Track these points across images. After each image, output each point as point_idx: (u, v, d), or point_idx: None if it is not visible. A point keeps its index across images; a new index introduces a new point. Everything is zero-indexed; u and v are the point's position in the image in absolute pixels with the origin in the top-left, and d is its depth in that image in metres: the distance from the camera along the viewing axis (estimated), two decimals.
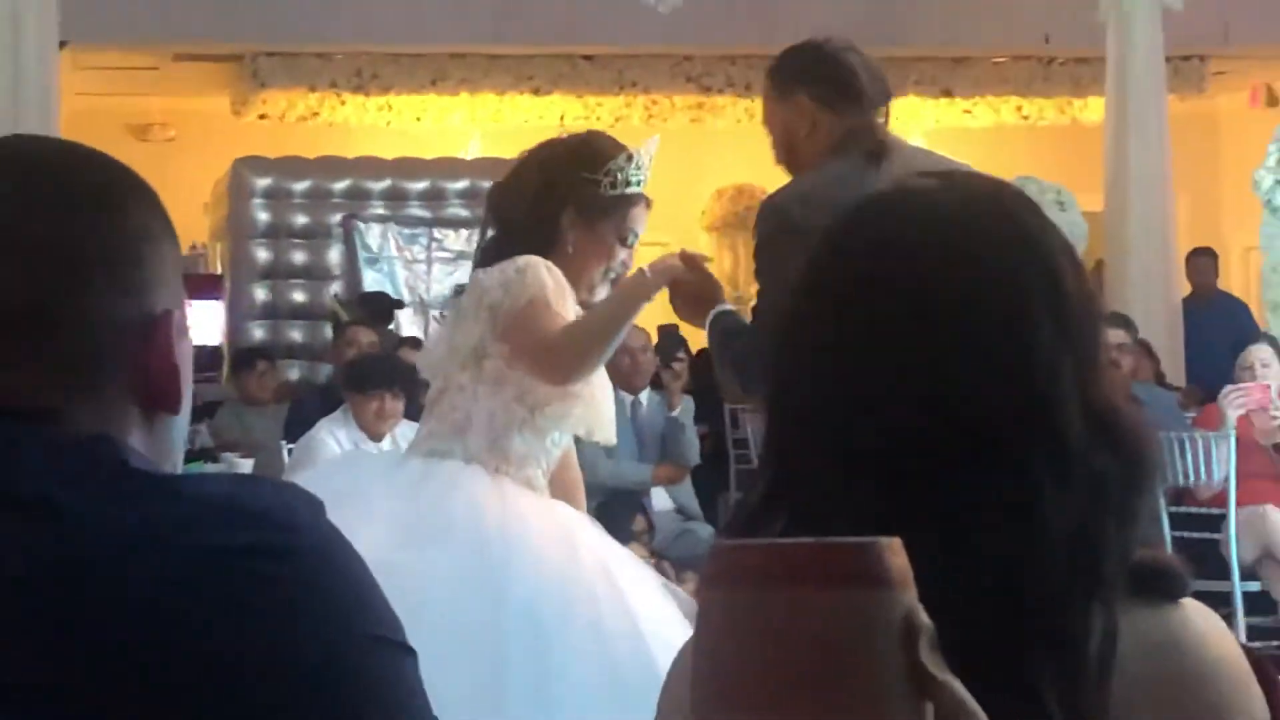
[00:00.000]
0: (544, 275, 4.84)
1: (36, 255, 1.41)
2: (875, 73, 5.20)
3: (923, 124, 16.25)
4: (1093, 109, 14.77)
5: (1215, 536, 8.18)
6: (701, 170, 16.40)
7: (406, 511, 4.97)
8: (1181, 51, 13.65)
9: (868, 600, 1.07)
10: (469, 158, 14.51)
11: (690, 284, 5.07)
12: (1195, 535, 8.24)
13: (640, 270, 4.97)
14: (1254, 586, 8.11)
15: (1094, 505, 1.60)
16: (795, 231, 4.69)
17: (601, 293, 5.11)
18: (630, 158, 5.02)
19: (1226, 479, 8.24)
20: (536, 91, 15.23)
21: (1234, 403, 8.66)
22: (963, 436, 1.60)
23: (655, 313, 6.16)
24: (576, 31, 13.35)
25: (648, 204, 5.06)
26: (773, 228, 4.98)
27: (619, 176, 4.99)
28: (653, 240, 13.40)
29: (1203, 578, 7.20)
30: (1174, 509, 8.33)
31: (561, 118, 15.15)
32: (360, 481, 5.11)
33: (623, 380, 10.85)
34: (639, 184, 5.02)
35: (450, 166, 13.92)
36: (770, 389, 1.76)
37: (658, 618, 4.85)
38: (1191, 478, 8.34)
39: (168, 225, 1.50)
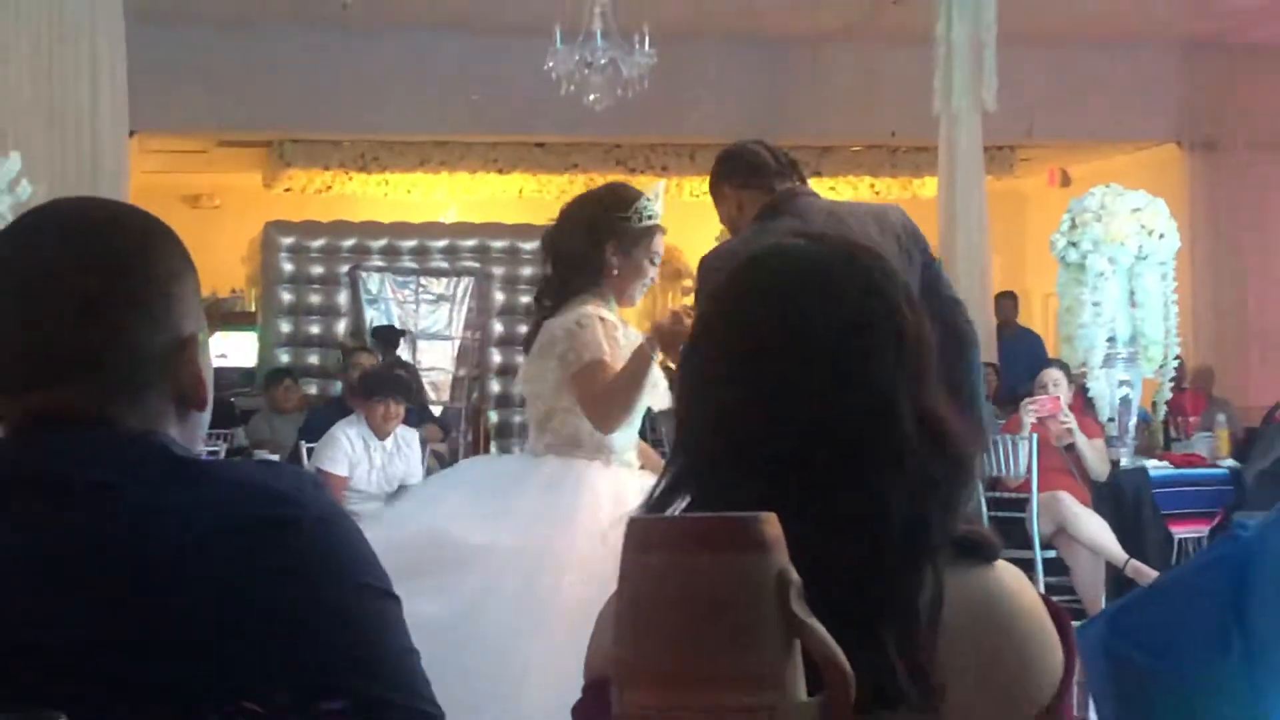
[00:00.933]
0: (599, 334, 4.82)
1: (83, 304, 1.43)
2: (777, 153, 5.23)
3: None
4: (929, 187, 14.48)
5: (1020, 515, 8.21)
6: None
7: (547, 499, 4.91)
8: (995, 143, 13.58)
9: (749, 561, 1.10)
10: (448, 222, 14.50)
11: (668, 330, 4.89)
12: (1005, 515, 8.24)
13: (644, 342, 4.83)
14: (1051, 554, 8.19)
15: (925, 493, 1.61)
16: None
17: (638, 298, 5.14)
18: (649, 199, 5.00)
19: (1029, 470, 8.28)
20: (500, 171, 15.26)
21: (1031, 412, 8.72)
22: (824, 441, 1.60)
23: None
24: (531, 125, 13.25)
25: (664, 231, 5.06)
26: (703, 280, 5.11)
27: (643, 213, 4.94)
28: None
29: (1011, 548, 7.19)
30: (989, 494, 8.21)
31: (520, 191, 15.49)
32: (503, 477, 5.09)
33: None
34: (657, 217, 4.99)
35: (433, 229, 13.86)
36: (677, 403, 1.80)
37: None
38: (1002, 470, 8.38)
39: (188, 263, 1.53)
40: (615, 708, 1.13)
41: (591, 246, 4.81)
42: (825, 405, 1.63)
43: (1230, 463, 9.72)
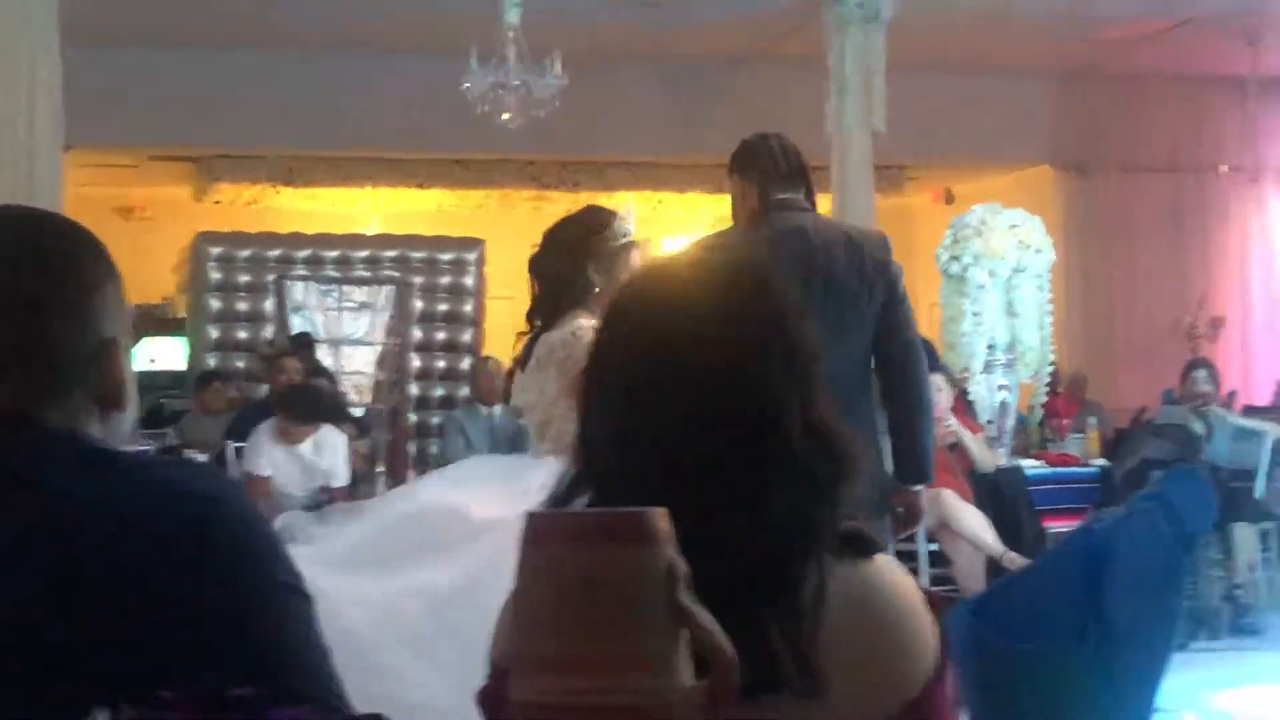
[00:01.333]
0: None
1: (7, 306, 1.43)
2: (790, 156, 5.18)
3: (711, 213, 15.63)
4: (822, 204, 14.13)
5: None
6: None
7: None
8: (885, 162, 13.16)
9: (639, 553, 1.10)
10: (370, 234, 14.48)
11: None
12: None
13: None
14: (934, 547, 8.23)
15: (811, 494, 1.61)
16: None
17: None
18: (622, 219, 5.13)
19: None
20: (420, 186, 15.11)
21: None
22: (716, 444, 1.60)
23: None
24: (449, 142, 13.15)
25: (639, 246, 5.14)
26: None
27: (619, 232, 5.05)
28: (503, 295, 12.89)
29: (898, 541, 7.35)
30: None
31: (438, 206, 15.41)
32: (511, 467, 5.15)
33: (482, 395, 11.56)
34: (631, 234, 5.09)
35: (356, 241, 13.87)
36: (579, 408, 1.76)
37: None
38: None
39: (112, 270, 1.53)
40: (513, 694, 1.12)
41: (575, 266, 4.94)
42: (717, 418, 1.63)
43: (1101, 462, 9.99)
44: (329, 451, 9.00)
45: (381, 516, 5.00)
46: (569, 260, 5.01)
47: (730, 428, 1.63)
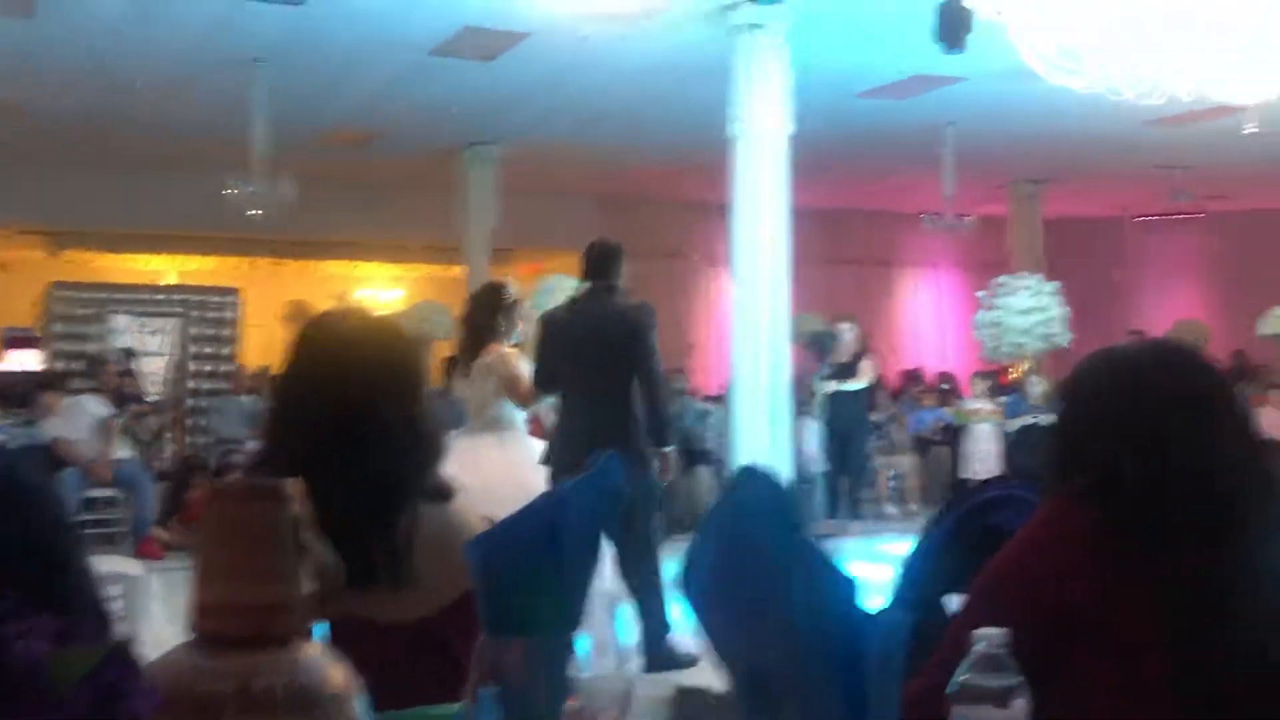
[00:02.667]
0: (517, 360, 5.30)
1: None
2: (589, 258, 5.38)
3: (389, 275, 16.60)
4: (456, 272, 14.21)
5: None
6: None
7: (499, 456, 5.01)
8: (498, 246, 13.63)
9: (277, 507, 1.13)
10: (165, 284, 14.37)
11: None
12: None
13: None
14: None
15: (407, 462, 1.75)
16: (548, 327, 5.42)
17: (515, 340, 5.31)
18: (512, 286, 5.34)
19: None
20: (201, 254, 15.09)
21: None
22: (350, 437, 1.72)
23: None
24: (220, 226, 12.43)
25: (521, 302, 5.47)
26: (539, 329, 5.42)
27: (513, 295, 5.40)
28: (255, 324, 13.27)
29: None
30: None
31: (212, 267, 15.19)
32: (471, 445, 4.96)
33: (236, 389, 12.23)
34: (519, 295, 5.45)
35: (156, 288, 13.82)
36: (269, 408, 1.85)
37: None
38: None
39: None
40: (200, 597, 1.11)
41: (489, 317, 5.27)
42: (351, 418, 1.71)
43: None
44: (74, 418, 9.83)
45: None
46: (486, 313, 5.24)
47: (361, 423, 1.69)
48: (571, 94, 11.07)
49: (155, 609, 5.46)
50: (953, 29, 7.66)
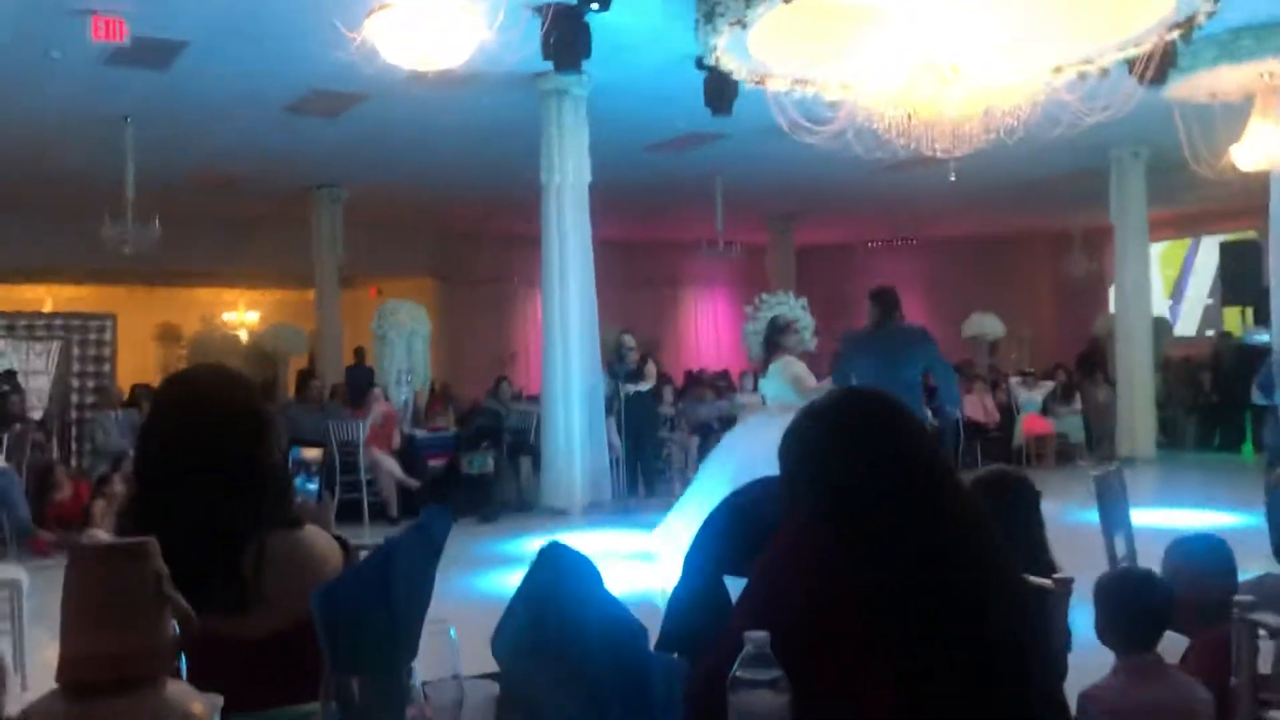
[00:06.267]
0: (797, 365, 6.34)
1: None
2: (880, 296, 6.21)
3: (251, 300, 15.57)
4: (309, 296, 13.98)
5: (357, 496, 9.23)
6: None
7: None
8: (347, 273, 13.76)
9: (141, 563, 1.04)
10: (47, 310, 13.71)
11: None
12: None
13: None
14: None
15: (256, 500, 1.59)
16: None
17: None
18: (788, 314, 5.69)
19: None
20: (79, 284, 14.71)
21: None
22: (211, 482, 1.56)
23: None
24: (96, 261, 12.03)
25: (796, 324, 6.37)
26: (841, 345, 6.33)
27: (785, 320, 6.42)
28: (127, 345, 12.59)
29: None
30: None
31: (89, 295, 14.52)
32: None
33: (110, 405, 11.15)
34: (791, 319, 6.37)
35: (39, 315, 13.03)
36: (136, 456, 1.69)
37: None
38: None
39: None
40: (63, 650, 1.03)
41: (779, 335, 6.21)
42: (199, 465, 1.57)
43: (452, 431, 10.80)
44: None
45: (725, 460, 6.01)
46: (773, 333, 6.12)
47: (218, 468, 1.58)
48: (406, 145, 11.24)
49: (39, 606, 5.02)
50: (719, 96, 8.03)
